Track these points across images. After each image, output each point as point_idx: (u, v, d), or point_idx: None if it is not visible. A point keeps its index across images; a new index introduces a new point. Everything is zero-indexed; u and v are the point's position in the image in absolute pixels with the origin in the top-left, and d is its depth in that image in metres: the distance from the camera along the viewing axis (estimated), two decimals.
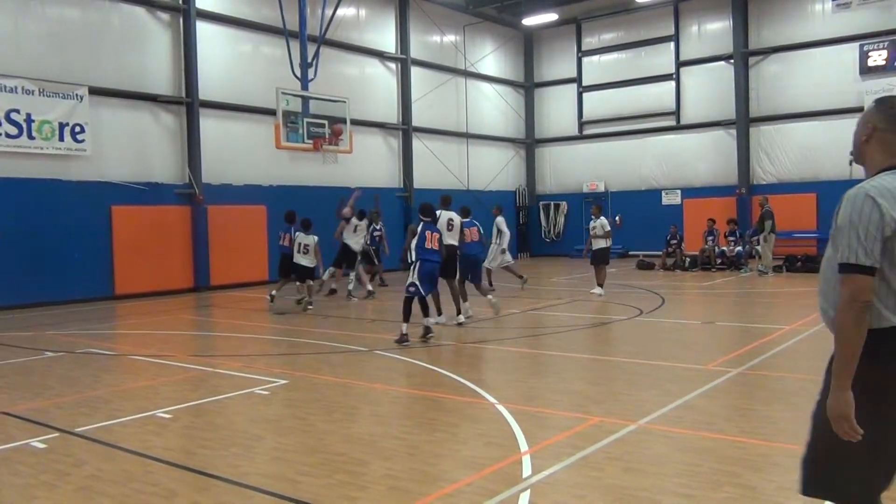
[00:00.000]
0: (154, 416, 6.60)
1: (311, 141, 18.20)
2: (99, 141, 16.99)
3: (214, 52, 19.36)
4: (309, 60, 18.91)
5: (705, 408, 6.50)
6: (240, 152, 19.93)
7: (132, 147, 17.80)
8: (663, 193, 27.17)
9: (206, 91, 18.95)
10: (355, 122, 20.73)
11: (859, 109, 22.85)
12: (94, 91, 16.78)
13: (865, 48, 22.92)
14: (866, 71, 22.93)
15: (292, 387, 7.66)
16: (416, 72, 25.17)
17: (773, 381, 7.65)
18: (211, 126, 19.23)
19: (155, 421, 6.46)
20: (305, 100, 18.20)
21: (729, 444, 5.44)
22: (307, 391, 7.52)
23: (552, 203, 30.11)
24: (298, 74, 18.68)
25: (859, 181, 2.73)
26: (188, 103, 18.62)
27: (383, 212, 19.48)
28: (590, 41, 28.96)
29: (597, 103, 28.77)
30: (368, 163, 23.29)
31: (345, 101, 19.17)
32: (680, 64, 26.66)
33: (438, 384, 7.70)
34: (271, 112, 18.21)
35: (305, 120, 18.07)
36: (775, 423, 6.07)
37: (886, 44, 22.58)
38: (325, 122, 18.60)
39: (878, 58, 22.72)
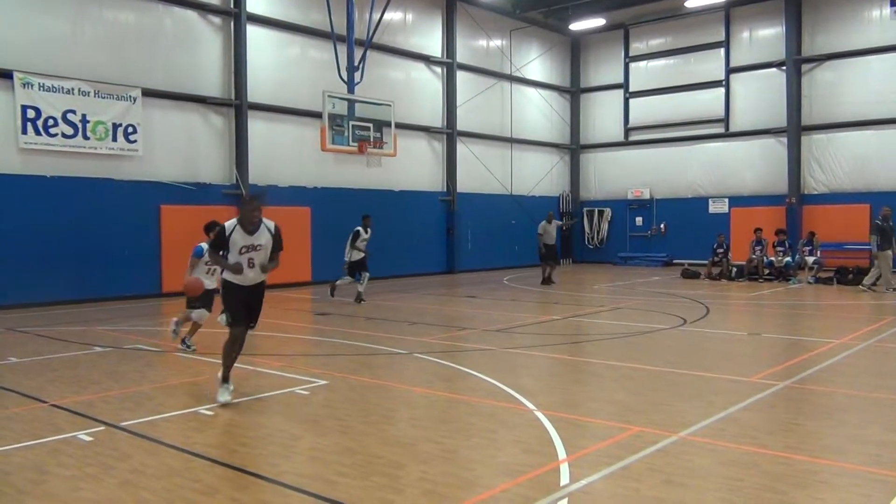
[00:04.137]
0: (197, 412, 6.71)
1: (355, 144, 18.37)
2: (150, 141, 17.38)
3: (263, 56, 19.67)
4: (355, 64, 19.09)
5: (749, 421, 6.36)
6: (286, 154, 20.20)
7: (182, 148, 18.18)
8: (710, 202, 26.73)
9: (254, 93, 19.26)
10: (400, 126, 20.85)
11: None
12: (146, 93, 17.18)
13: None
14: None
15: (331, 388, 7.72)
16: (461, 76, 25.21)
17: (820, 395, 7.45)
18: (258, 128, 19.53)
19: (197, 417, 6.56)
20: (351, 103, 18.37)
21: (773, 459, 5.31)
22: (346, 392, 7.56)
23: (596, 209, 29.85)
24: (345, 78, 18.87)
25: None
26: (237, 105, 18.94)
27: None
28: (637, 46, 28.66)
29: (643, 109, 28.45)
30: (412, 166, 23.41)
31: (390, 105, 19.32)
32: (730, 70, 26.21)
33: (477, 389, 7.68)
34: (317, 115, 18.43)
35: (351, 123, 18.25)
36: (822, 438, 5.92)
37: None
38: (371, 125, 18.75)
39: None
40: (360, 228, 15.67)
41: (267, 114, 19.77)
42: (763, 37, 25.57)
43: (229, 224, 7.11)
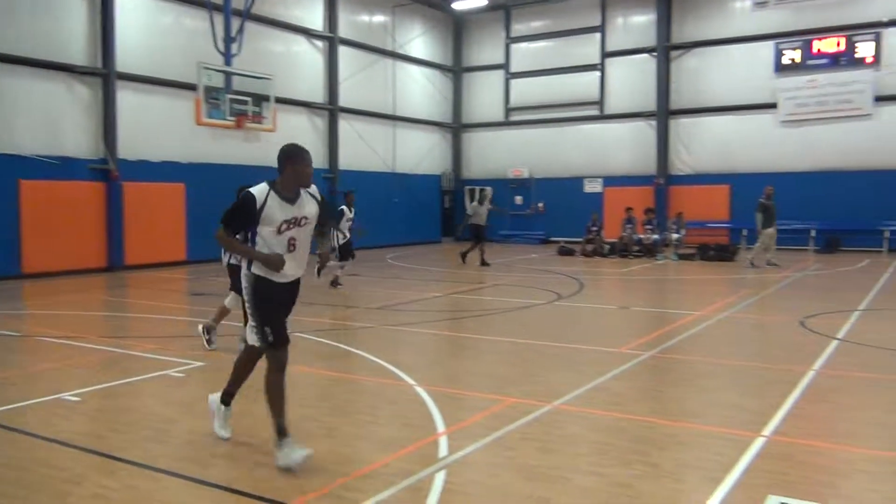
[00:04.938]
0: (62, 399, 6.38)
1: (233, 118, 17.83)
2: (7, 112, 16.12)
3: (134, 22, 18.59)
4: (233, 35, 18.47)
5: (617, 389, 6.71)
6: (158, 128, 19.25)
7: (44, 119, 16.96)
8: (585, 181, 27.70)
9: (124, 63, 18.21)
10: (280, 101, 20.38)
11: (773, 105, 23.88)
12: (3, 59, 15.91)
13: (780, 46, 23.86)
14: (780, 69, 23.89)
15: (209, 369, 7.53)
16: (343, 51, 24.85)
17: (681, 363, 7.96)
18: (128, 99, 18.51)
19: (63, 404, 6.24)
20: (228, 75, 17.80)
21: (638, 423, 5.64)
22: (224, 373, 7.31)
23: (477, 188, 30.24)
24: (221, 49, 18.22)
25: (774, 174, 2.85)
26: (104, 75, 17.86)
27: None
28: (518, 28, 29.17)
29: (524, 90, 29.04)
30: (293, 142, 22.86)
31: (270, 79, 18.85)
32: (605, 55, 27.14)
33: (358, 367, 7.70)
34: (192, 87, 17.70)
35: (228, 96, 17.68)
36: (682, 403, 6.34)
37: (800, 43, 23.56)
38: (249, 99, 18.23)
39: (791, 56, 23.71)
40: (343, 207, 14.43)
41: (137, 84, 18.75)
42: (636, 23, 26.61)
43: (260, 190, 4.78)
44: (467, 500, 4.23)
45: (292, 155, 4.93)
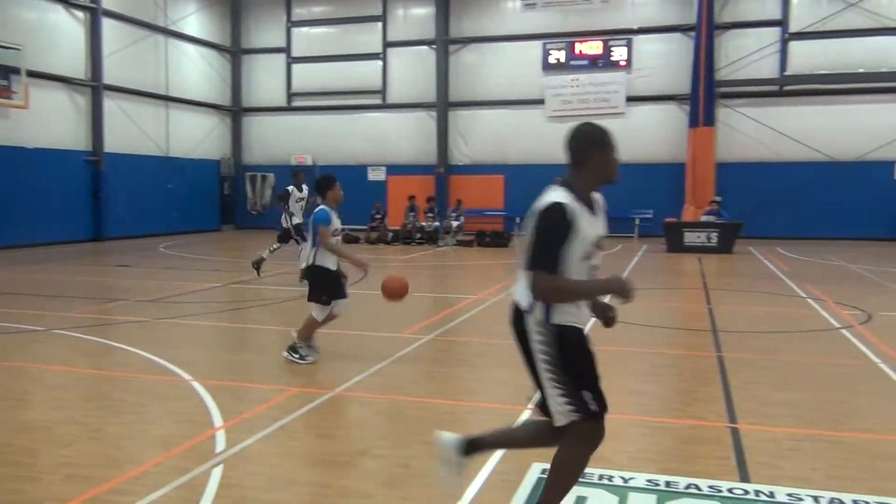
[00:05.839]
0: None
1: None
2: None
3: None
4: None
5: (398, 373, 6.89)
6: None
7: None
8: (370, 169, 27.96)
9: None
10: (33, 75, 18.47)
11: (541, 101, 25.59)
12: None
13: (547, 47, 25.62)
14: (547, 67, 25.67)
15: None
16: (108, 24, 22.92)
17: (459, 345, 8.35)
18: None
19: None
20: None
21: (417, 405, 5.84)
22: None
23: (259, 174, 29.48)
24: None
25: (543, 165, 3.05)
26: None
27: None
28: (300, 12, 28.68)
29: (306, 76, 28.64)
30: (49, 121, 20.78)
31: (19, 49, 17.03)
32: (387, 44, 27.51)
33: (127, 363, 7.22)
34: None
35: None
36: (459, 383, 6.66)
37: (564, 44, 25.46)
38: None
39: (557, 56, 25.55)
40: (291, 187, 13.73)
41: None
42: (416, 15, 27.24)
43: (564, 196, 3.25)
44: (245, 493, 4.14)
45: (598, 139, 3.33)
